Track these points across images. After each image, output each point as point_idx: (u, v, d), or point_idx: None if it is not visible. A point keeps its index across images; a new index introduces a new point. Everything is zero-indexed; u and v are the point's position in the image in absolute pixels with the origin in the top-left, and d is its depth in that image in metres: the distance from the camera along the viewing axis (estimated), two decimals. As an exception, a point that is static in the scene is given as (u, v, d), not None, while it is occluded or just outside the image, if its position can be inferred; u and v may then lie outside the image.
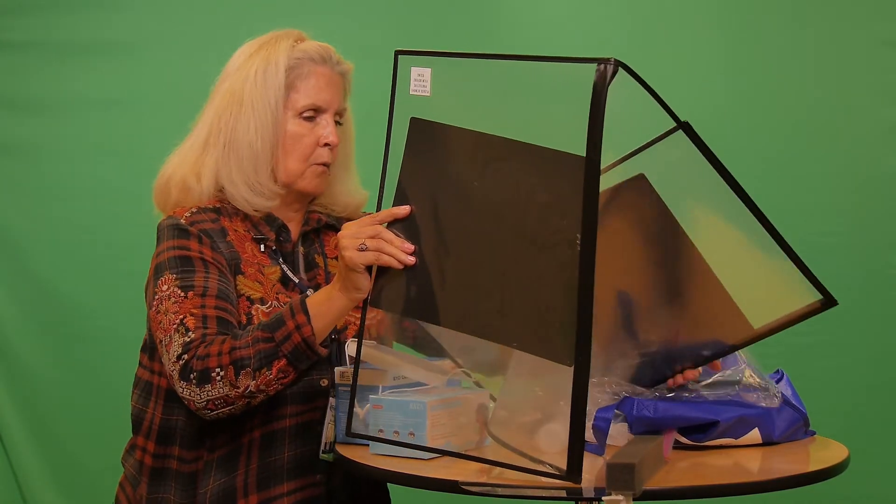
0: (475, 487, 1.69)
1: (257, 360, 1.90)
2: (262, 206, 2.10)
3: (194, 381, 1.91)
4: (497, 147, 1.74)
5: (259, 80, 2.08)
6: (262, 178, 2.09)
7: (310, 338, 1.91)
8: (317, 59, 2.12)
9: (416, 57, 1.83)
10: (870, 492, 3.07)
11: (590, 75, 1.61)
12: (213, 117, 2.11)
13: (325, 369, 2.06)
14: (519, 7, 3.23)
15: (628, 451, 1.64)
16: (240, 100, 2.09)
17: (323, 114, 2.12)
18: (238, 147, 2.08)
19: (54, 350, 3.25)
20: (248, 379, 1.90)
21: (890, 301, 3.12)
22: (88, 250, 3.24)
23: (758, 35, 3.17)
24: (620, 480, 1.49)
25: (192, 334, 1.94)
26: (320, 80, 2.12)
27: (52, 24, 3.26)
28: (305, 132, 2.11)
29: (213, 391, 1.91)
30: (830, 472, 1.83)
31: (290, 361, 1.91)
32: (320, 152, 2.12)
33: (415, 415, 1.83)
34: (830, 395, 2.99)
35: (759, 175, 3.15)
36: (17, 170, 3.28)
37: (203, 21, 3.22)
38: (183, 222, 2.06)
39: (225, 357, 1.90)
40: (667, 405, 1.90)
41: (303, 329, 1.91)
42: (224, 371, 1.90)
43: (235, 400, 1.92)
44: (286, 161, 2.10)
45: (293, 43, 2.12)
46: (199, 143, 2.12)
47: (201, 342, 1.93)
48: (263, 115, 2.08)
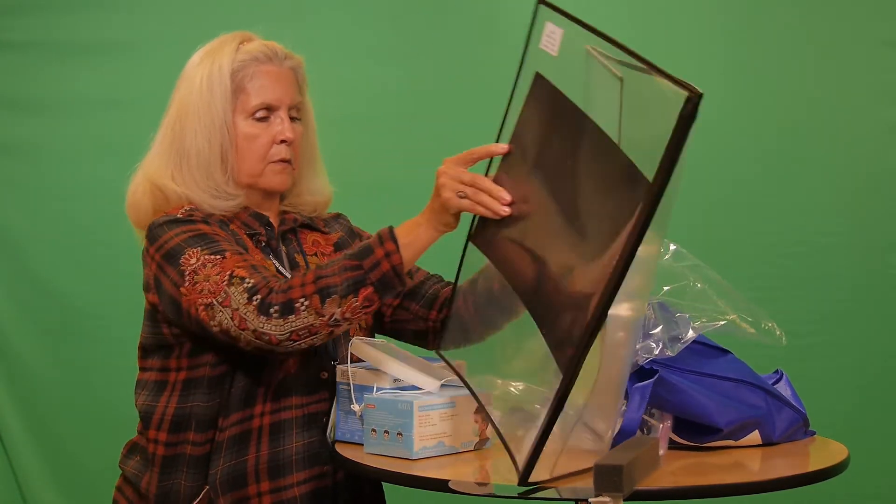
0: (465, 487, 1.70)
1: (344, 287, 1.90)
2: (225, 207, 2.11)
3: (275, 314, 1.90)
4: (593, 138, 1.71)
5: (204, 87, 2.10)
6: (216, 183, 2.10)
7: (399, 266, 1.92)
8: (262, 59, 2.13)
9: (554, 14, 1.83)
10: (870, 492, 3.07)
11: (678, 100, 1.54)
12: (166, 128, 2.14)
13: (326, 362, 2.07)
14: (519, 7, 3.23)
15: (619, 452, 1.63)
16: (186, 110, 2.11)
17: (276, 111, 2.13)
18: (188, 156, 2.10)
19: (54, 350, 3.25)
20: (335, 307, 1.90)
21: (890, 301, 3.12)
22: (88, 250, 3.24)
23: (758, 35, 3.18)
24: (609, 482, 1.49)
25: (251, 279, 1.94)
26: (267, 79, 2.13)
27: (52, 24, 3.26)
28: (259, 132, 2.12)
29: (298, 321, 1.90)
30: (830, 472, 1.83)
31: (377, 289, 1.92)
32: (277, 149, 2.13)
33: (403, 414, 1.85)
34: (830, 395, 2.99)
35: (759, 175, 3.16)
36: (17, 170, 3.28)
37: (203, 21, 3.21)
38: (181, 216, 2.07)
39: (309, 287, 1.91)
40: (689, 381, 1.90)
41: (392, 257, 1.92)
42: (309, 300, 1.90)
43: (320, 329, 1.92)
44: (243, 163, 2.12)
45: (238, 45, 2.14)
46: (157, 153, 2.15)
47: (266, 283, 1.93)
48: (208, 120, 2.10)
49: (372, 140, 3.13)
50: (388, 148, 3.15)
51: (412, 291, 2.21)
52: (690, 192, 3.17)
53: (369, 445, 1.91)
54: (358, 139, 3.05)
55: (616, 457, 1.56)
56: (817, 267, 3.10)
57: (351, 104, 3.05)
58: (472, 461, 1.89)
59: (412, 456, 1.84)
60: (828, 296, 3.11)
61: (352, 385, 1.99)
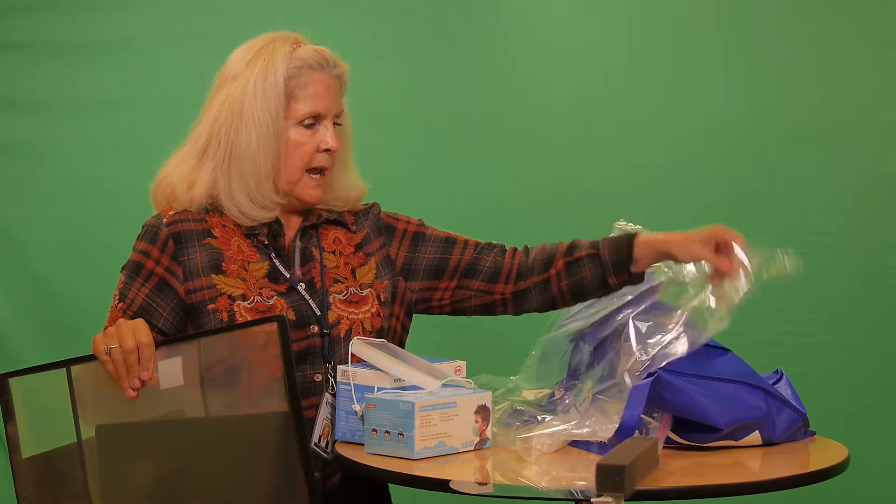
0: (465, 487, 1.70)
1: None
2: (260, 217, 2.10)
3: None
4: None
5: (259, 91, 2.08)
6: (263, 190, 2.10)
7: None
8: (315, 66, 2.12)
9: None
10: (870, 492, 3.07)
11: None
12: (210, 126, 2.11)
13: (319, 364, 2.07)
14: (519, 7, 3.23)
15: (620, 452, 1.63)
16: (240, 111, 2.09)
17: (323, 120, 2.13)
18: (240, 160, 2.09)
19: (54, 350, 3.24)
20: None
21: (890, 301, 3.12)
22: (88, 250, 3.24)
23: (758, 35, 3.18)
24: (610, 482, 1.49)
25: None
26: (319, 87, 2.12)
27: (52, 24, 3.26)
28: (305, 140, 2.11)
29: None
30: (830, 472, 1.83)
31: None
32: (319, 157, 2.12)
33: (404, 415, 1.85)
34: (830, 395, 2.99)
35: (759, 175, 3.16)
36: (17, 170, 3.28)
37: (203, 21, 3.22)
38: (164, 221, 2.10)
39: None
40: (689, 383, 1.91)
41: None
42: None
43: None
44: (286, 169, 2.11)
45: (290, 49, 2.12)
46: (195, 151, 2.12)
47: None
48: (265, 127, 2.08)
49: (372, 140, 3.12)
50: (388, 148, 3.15)
51: (468, 269, 2.21)
52: (691, 192, 3.20)
53: (370, 445, 1.91)
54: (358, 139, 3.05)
55: (617, 457, 1.56)
56: (817, 267, 3.09)
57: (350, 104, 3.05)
58: (473, 461, 1.89)
59: (413, 456, 1.84)
60: (828, 296, 3.11)
61: (353, 385, 1.99)
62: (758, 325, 3.05)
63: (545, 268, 2.16)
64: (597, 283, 2.12)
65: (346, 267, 2.16)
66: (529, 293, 2.17)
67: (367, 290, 2.14)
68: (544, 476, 1.79)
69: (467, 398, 1.92)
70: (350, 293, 2.13)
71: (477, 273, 2.19)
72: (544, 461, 1.86)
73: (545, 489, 1.68)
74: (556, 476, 1.79)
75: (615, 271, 2.09)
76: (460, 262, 2.19)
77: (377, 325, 2.13)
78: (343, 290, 2.13)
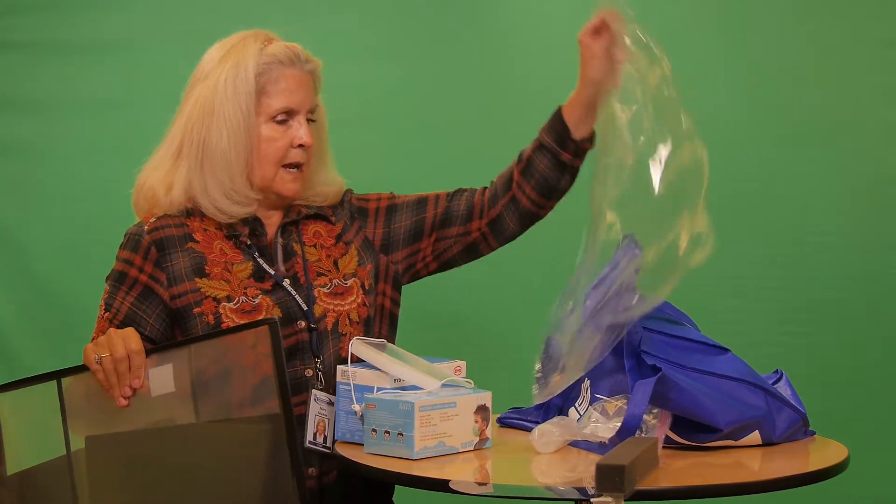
0: (465, 487, 1.70)
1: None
2: (238, 213, 2.12)
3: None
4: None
5: (229, 88, 2.10)
6: (237, 186, 2.11)
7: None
8: (286, 62, 2.13)
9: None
10: (870, 492, 3.07)
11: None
12: (184, 127, 2.14)
13: (309, 359, 2.07)
14: (519, 7, 3.23)
15: (620, 452, 1.64)
16: (211, 110, 2.11)
17: (296, 115, 2.13)
18: (212, 157, 2.10)
19: (54, 350, 3.25)
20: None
21: (890, 301, 3.11)
22: (88, 250, 3.24)
23: (758, 35, 3.17)
24: (610, 482, 1.49)
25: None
26: (291, 83, 2.13)
27: (52, 24, 3.26)
28: (278, 135, 2.13)
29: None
30: (830, 472, 1.83)
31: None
32: (293, 153, 2.14)
33: (404, 415, 1.85)
34: (830, 395, 2.98)
35: (759, 175, 3.16)
36: (17, 170, 3.28)
37: (203, 21, 3.21)
38: (145, 229, 2.13)
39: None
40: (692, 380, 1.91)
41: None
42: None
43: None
44: (259, 165, 2.12)
45: (261, 46, 2.13)
46: (170, 152, 2.15)
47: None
48: (236, 123, 2.10)
49: (371, 140, 3.13)
50: (388, 148, 3.15)
51: (444, 219, 2.21)
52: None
53: (370, 445, 1.91)
54: (358, 139, 3.05)
55: (617, 457, 1.56)
56: (817, 267, 3.09)
57: (351, 104, 3.05)
58: (473, 461, 1.89)
59: (413, 456, 1.85)
60: (828, 296, 3.10)
61: (352, 385, 1.99)
62: (758, 325, 3.05)
63: (507, 187, 2.19)
64: (555, 170, 2.14)
65: (328, 259, 2.17)
66: (503, 217, 2.19)
67: (352, 279, 2.15)
68: (544, 476, 1.80)
69: (467, 398, 1.92)
70: (334, 285, 2.14)
71: (452, 220, 2.21)
72: (544, 461, 1.86)
73: (545, 489, 1.69)
74: (556, 476, 1.80)
75: (562, 147, 2.12)
76: (436, 217, 2.21)
77: (363, 314, 2.15)
78: (327, 283, 2.14)
